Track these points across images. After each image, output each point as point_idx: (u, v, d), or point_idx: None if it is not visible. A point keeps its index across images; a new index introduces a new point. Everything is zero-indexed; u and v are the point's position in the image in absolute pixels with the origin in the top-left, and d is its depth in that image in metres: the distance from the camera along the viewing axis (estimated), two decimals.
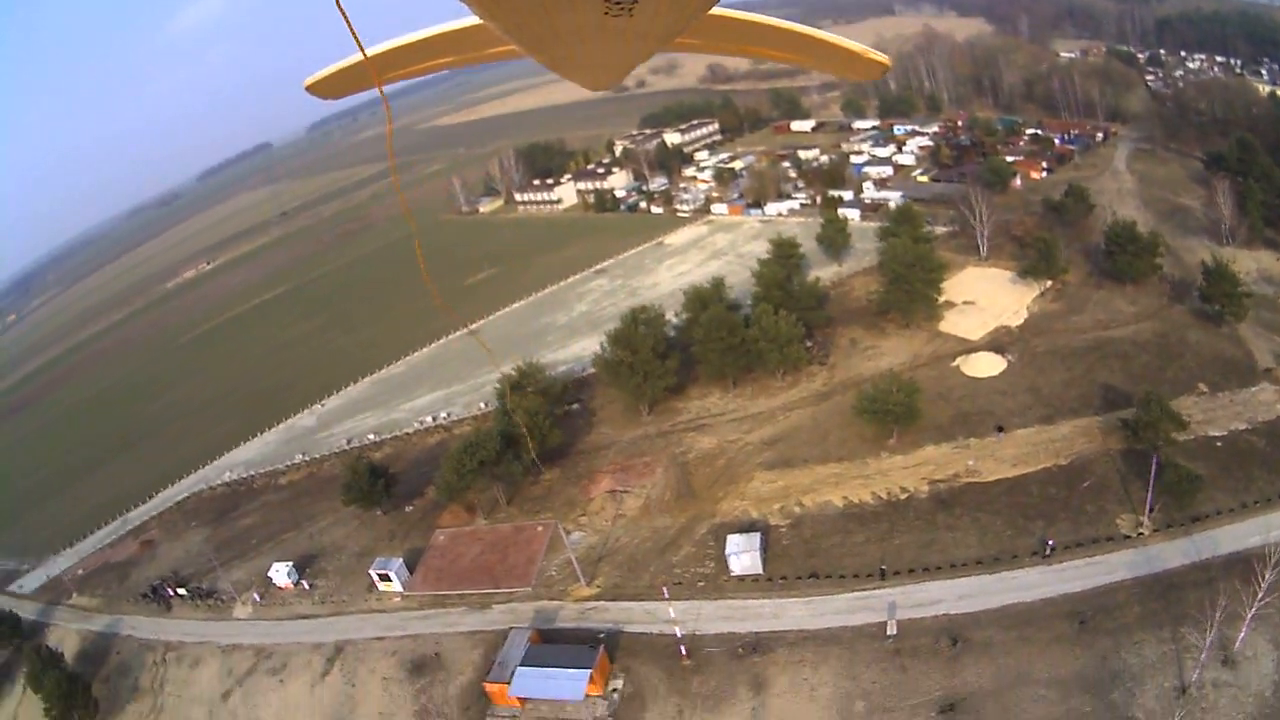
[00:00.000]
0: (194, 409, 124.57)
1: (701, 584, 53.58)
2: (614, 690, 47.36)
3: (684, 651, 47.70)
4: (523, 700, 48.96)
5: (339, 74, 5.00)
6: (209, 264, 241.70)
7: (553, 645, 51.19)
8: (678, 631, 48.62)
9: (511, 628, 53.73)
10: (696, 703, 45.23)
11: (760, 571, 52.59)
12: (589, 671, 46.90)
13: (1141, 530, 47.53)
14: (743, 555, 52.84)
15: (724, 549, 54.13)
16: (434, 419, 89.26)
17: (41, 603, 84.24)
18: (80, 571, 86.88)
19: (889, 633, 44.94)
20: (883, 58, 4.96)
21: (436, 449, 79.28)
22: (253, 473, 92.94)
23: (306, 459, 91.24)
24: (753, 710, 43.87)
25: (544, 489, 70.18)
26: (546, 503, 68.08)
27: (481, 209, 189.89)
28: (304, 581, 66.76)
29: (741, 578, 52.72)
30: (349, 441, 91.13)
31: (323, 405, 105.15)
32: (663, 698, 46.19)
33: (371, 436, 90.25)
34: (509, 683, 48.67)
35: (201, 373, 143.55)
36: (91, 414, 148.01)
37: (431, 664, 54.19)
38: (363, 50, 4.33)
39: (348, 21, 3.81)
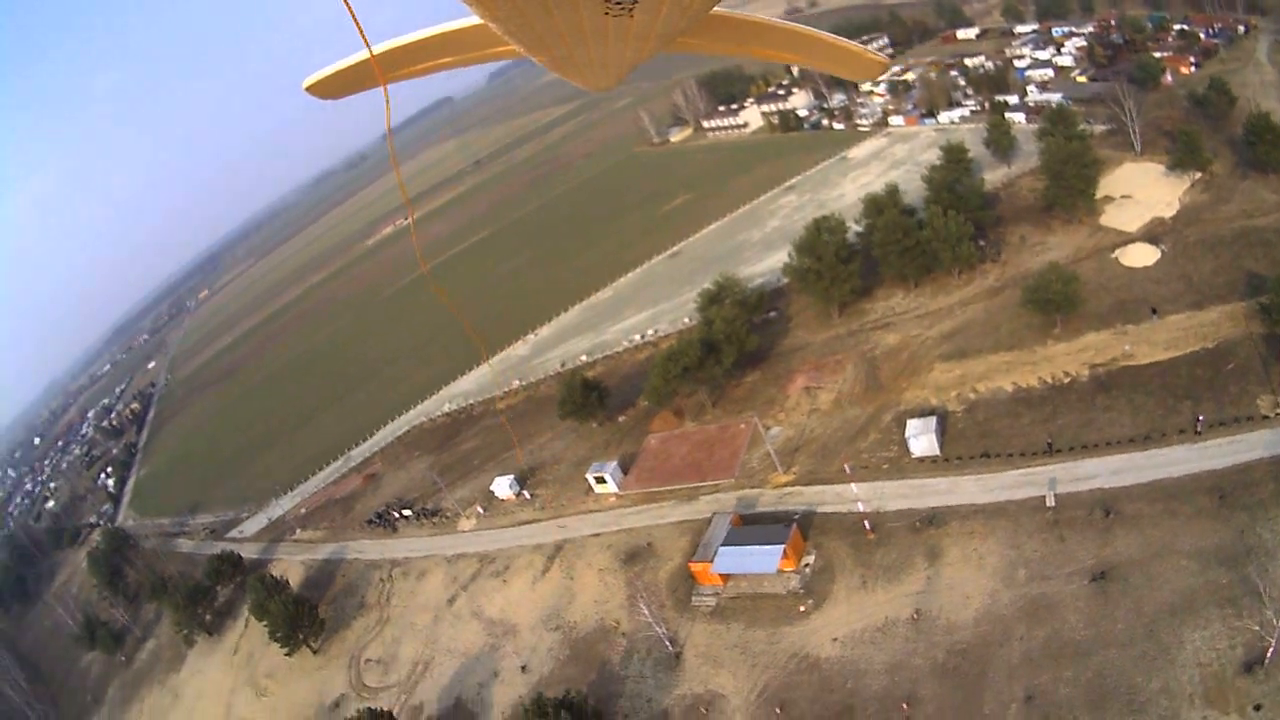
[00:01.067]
0: (406, 353, 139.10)
1: (885, 466, 60.76)
2: (806, 565, 55.54)
3: (868, 527, 54.99)
4: (724, 577, 57.23)
5: (338, 74, 5.08)
6: (406, 220, 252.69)
7: (751, 527, 59.51)
8: (862, 508, 56.00)
9: (715, 514, 62.61)
10: (878, 573, 52.32)
11: (937, 453, 59.20)
12: (782, 547, 54.74)
13: (1279, 410, 50.38)
14: (921, 438, 59.62)
15: (905, 434, 61.00)
16: (641, 337, 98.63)
17: (264, 542, 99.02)
18: (303, 510, 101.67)
19: (1048, 505, 50.51)
20: (881, 58, 5.20)
21: (645, 364, 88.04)
22: (472, 401, 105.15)
23: (523, 384, 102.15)
24: (927, 579, 50.31)
25: (745, 390, 78.93)
26: (748, 403, 76.66)
27: (671, 139, 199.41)
28: (524, 492, 77.72)
29: (920, 459, 59.53)
30: (562, 365, 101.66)
31: (535, 335, 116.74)
32: (849, 570, 53.73)
33: (583, 358, 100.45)
34: (712, 561, 57.04)
35: (409, 320, 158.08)
36: (305, 369, 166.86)
37: (643, 553, 63.82)
38: (369, 48, 4.42)
39: (355, 19, 3.96)
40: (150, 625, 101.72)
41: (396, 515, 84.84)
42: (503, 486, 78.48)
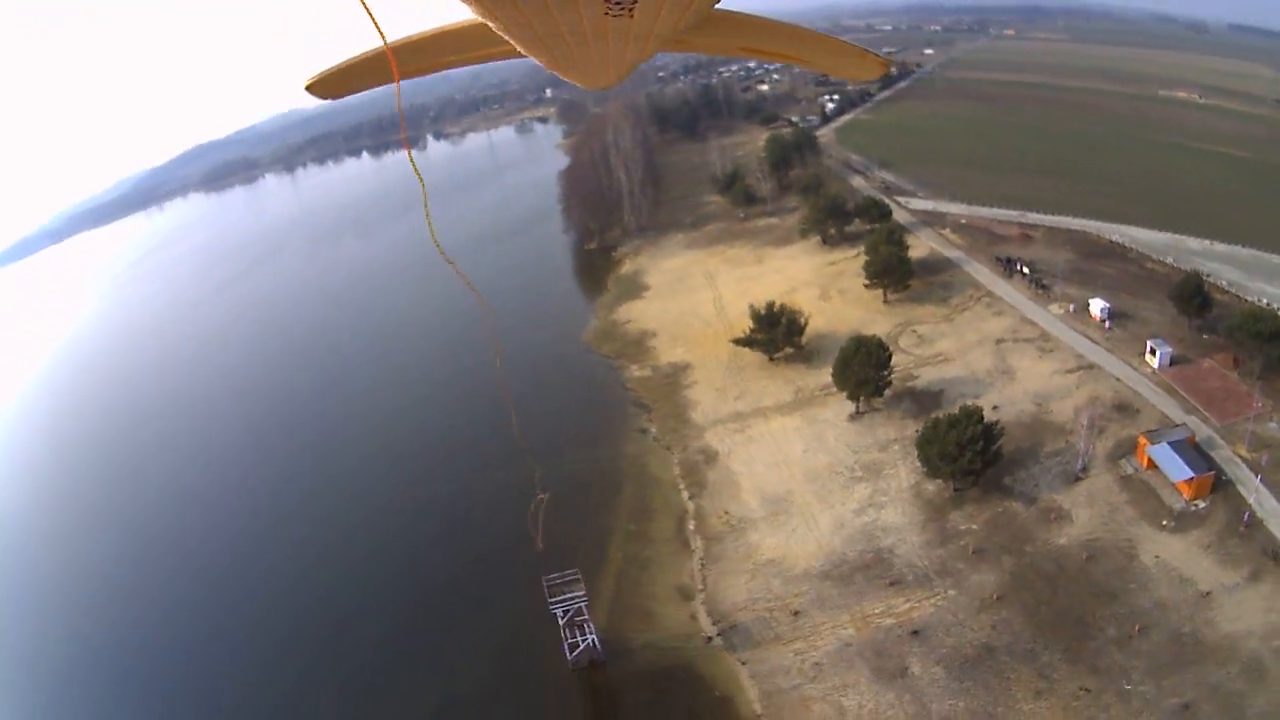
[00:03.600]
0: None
1: None
2: (1197, 505, 58.27)
3: None
4: (1149, 462, 61.87)
5: (338, 73, 5.10)
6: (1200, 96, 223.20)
7: (1191, 449, 61.75)
8: None
9: (1182, 424, 65.55)
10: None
11: None
12: (1192, 474, 58.26)
13: None
14: None
15: None
16: None
17: (915, 219, 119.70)
18: (962, 220, 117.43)
19: None
20: (883, 58, 5.10)
21: None
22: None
23: None
24: None
25: None
26: None
27: None
28: (1108, 323, 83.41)
29: None
30: None
31: None
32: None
33: None
34: (1150, 444, 62.05)
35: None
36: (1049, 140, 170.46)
37: (1131, 408, 70.19)
38: (385, 42, 4.41)
39: (370, 14, 3.96)
40: (776, 211, 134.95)
41: (1018, 268, 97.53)
42: (1096, 307, 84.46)
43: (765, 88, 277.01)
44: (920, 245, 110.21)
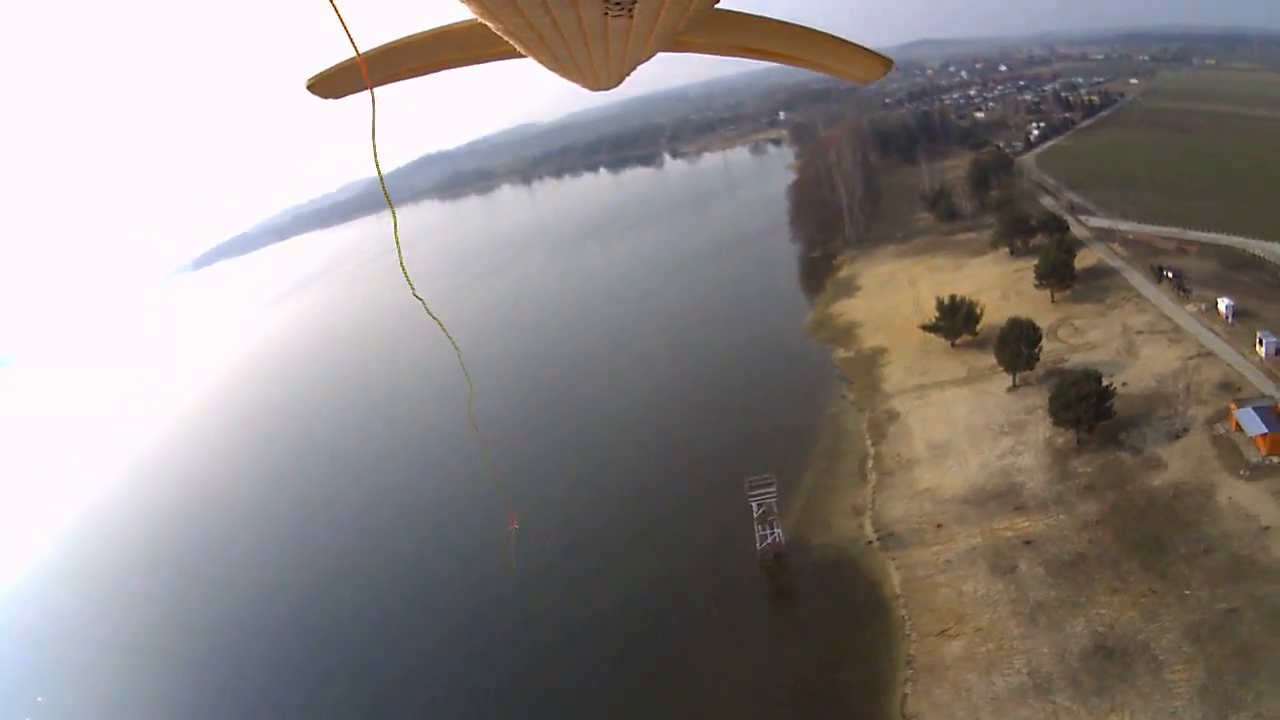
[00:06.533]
0: None
1: None
2: (1269, 460, 72.05)
3: None
4: (1234, 422, 76.04)
5: (338, 73, 4.96)
6: None
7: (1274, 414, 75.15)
8: None
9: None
10: None
11: None
12: (1265, 430, 72.41)
13: None
14: None
15: None
16: None
17: (1091, 234, 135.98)
18: (1130, 236, 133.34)
19: None
20: (885, 57, 5.08)
21: None
22: None
23: None
24: None
25: None
26: None
27: None
28: (1231, 319, 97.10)
29: None
30: None
31: None
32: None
33: None
34: (1236, 407, 76.86)
35: None
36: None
37: (1232, 387, 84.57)
38: (355, 48, 4.28)
39: (339, 16, 3.84)
40: (975, 226, 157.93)
41: (1166, 274, 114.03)
42: (1223, 305, 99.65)
43: (981, 115, 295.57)
44: (1090, 256, 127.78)
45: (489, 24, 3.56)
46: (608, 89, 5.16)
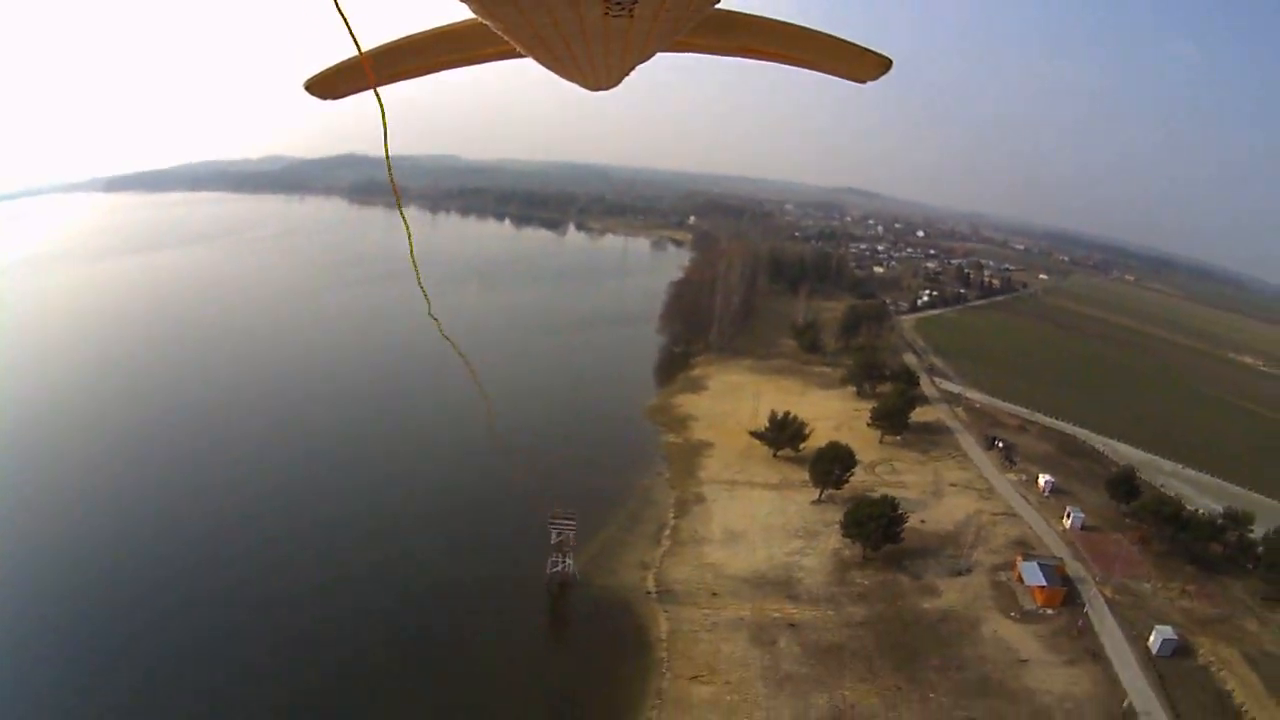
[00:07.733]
0: None
1: None
2: (1046, 611, 75.55)
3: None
4: (1020, 577, 79.10)
5: (337, 72, 4.96)
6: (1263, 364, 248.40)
7: (1049, 566, 79.80)
8: None
9: (1051, 558, 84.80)
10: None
11: None
12: (1045, 584, 76.29)
13: None
14: None
15: None
16: None
17: (941, 396, 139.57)
18: (976, 405, 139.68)
19: None
20: (883, 56, 5.06)
21: None
22: None
23: None
24: None
25: None
26: None
27: None
28: (1047, 493, 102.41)
29: None
30: None
31: None
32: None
33: None
34: (1022, 561, 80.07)
35: None
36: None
37: (1027, 543, 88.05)
38: (359, 47, 4.28)
39: (344, 16, 3.83)
40: (833, 364, 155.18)
41: (997, 444, 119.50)
42: (1043, 480, 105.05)
43: (880, 270, 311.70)
44: (931, 413, 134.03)
45: (489, 23, 3.57)
46: (607, 89, 5.20)
